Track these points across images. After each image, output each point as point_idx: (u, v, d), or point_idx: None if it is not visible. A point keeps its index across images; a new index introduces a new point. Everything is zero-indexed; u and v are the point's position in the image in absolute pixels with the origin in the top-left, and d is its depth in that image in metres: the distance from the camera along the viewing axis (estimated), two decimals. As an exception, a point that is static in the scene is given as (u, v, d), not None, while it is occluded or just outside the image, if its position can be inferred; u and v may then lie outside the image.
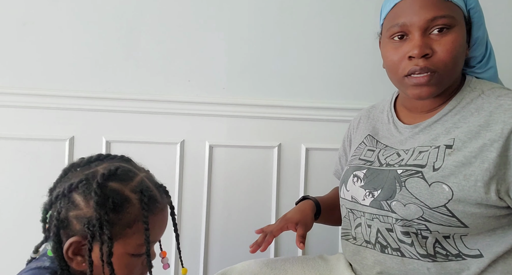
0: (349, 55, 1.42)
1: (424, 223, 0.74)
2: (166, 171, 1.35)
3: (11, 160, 1.29)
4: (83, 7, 1.29)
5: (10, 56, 1.27)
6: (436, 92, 0.78)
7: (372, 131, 0.94)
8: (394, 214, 0.78)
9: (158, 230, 0.73)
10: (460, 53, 0.75)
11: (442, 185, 0.73)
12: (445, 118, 0.79)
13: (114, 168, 0.69)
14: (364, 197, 0.84)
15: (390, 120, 0.90)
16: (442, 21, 0.73)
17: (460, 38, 0.74)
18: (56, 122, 1.29)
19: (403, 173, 0.78)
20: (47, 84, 1.28)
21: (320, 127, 1.42)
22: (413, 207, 0.75)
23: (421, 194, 0.74)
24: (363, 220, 0.85)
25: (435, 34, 0.74)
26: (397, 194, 0.77)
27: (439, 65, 0.74)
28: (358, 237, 0.87)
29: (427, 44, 0.74)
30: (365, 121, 1.00)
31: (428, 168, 0.75)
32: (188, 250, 1.37)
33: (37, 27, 1.28)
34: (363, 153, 0.92)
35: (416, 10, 0.75)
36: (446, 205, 0.72)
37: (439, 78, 0.75)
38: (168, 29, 1.33)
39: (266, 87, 1.39)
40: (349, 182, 0.90)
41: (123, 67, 1.32)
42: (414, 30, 0.75)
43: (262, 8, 1.37)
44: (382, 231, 0.81)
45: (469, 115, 0.76)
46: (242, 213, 1.39)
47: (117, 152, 1.33)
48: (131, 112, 1.32)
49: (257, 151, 1.40)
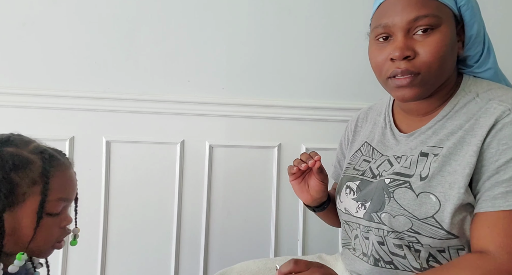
0: (348, 55, 1.42)
1: (414, 235, 0.73)
2: (166, 171, 1.35)
3: (11, 160, 1.29)
4: (83, 7, 1.29)
5: (10, 56, 1.27)
6: (423, 94, 0.75)
7: (369, 137, 0.91)
8: (385, 226, 0.77)
9: (69, 187, 0.74)
10: (446, 54, 0.71)
11: (429, 195, 0.71)
12: (439, 124, 0.77)
13: (5, 136, 0.71)
14: (357, 209, 0.83)
15: (387, 125, 0.88)
16: (425, 21, 0.70)
17: (446, 38, 0.71)
18: (56, 122, 1.29)
19: (391, 183, 0.77)
20: (47, 84, 1.28)
21: (320, 127, 1.42)
22: (401, 219, 0.74)
23: (409, 205, 0.73)
24: (359, 232, 0.84)
25: (419, 35, 0.71)
26: (386, 206, 0.76)
27: (422, 67, 0.71)
28: (357, 248, 0.86)
29: (409, 46, 0.71)
30: (362, 124, 0.98)
31: (416, 177, 0.74)
32: (188, 250, 1.37)
33: (37, 27, 1.28)
34: (358, 163, 0.90)
35: (399, 11, 0.72)
36: (434, 216, 0.70)
37: (423, 79, 0.72)
38: (168, 29, 1.33)
39: (266, 87, 1.39)
40: (342, 193, 0.89)
41: (123, 67, 1.32)
42: (396, 31, 0.73)
43: (262, 8, 1.37)
44: (375, 244, 0.80)
45: (458, 120, 0.74)
46: (242, 213, 1.39)
47: (117, 152, 1.33)
48: (131, 112, 1.32)
49: (257, 151, 1.40)
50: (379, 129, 0.90)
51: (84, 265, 1.32)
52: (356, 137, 0.97)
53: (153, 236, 1.35)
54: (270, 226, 1.41)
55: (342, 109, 1.41)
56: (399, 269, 0.78)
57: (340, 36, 1.41)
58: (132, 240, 1.34)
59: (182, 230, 1.37)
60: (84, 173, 1.31)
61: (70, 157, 1.31)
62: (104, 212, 1.32)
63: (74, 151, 1.31)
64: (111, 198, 1.33)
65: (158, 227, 1.35)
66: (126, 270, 1.34)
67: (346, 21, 1.41)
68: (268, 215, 1.40)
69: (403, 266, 0.77)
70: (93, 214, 1.32)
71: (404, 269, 0.77)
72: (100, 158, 1.32)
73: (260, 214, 1.40)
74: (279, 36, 1.39)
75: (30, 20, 1.27)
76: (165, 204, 1.35)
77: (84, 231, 1.33)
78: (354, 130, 0.99)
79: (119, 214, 1.34)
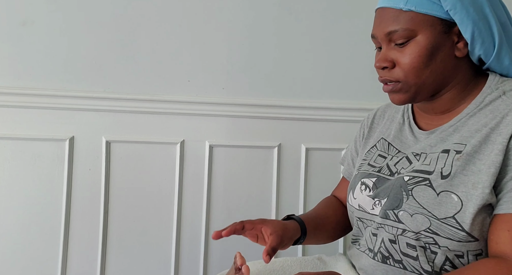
0: (349, 55, 1.42)
1: (432, 236, 0.72)
2: (166, 171, 1.35)
3: (11, 160, 1.29)
4: (83, 7, 1.29)
5: (10, 56, 1.27)
6: (412, 98, 0.77)
7: (386, 133, 0.90)
8: (401, 225, 0.75)
9: None
10: (424, 62, 0.73)
11: (451, 194, 0.70)
12: (462, 122, 0.76)
13: None
14: (373, 206, 0.82)
15: (406, 121, 0.87)
16: (397, 36, 0.74)
17: (421, 48, 0.73)
18: (56, 122, 1.29)
19: (409, 180, 0.76)
20: (47, 84, 1.28)
21: (320, 127, 1.42)
22: (420, 218, 0.72)
23: (429, 204, 0.71)
24: (371, 229, 0.83)
25: (397, 46, 0.75)
26: (403, 204, 0.74)
27: (399, 76, 0.75)
28: (362, 244, 0.85)
29: (388, 57, 0.76)
30: (379, 121, 0.96)
31: (436, 175, 0.73)
32: (188, 250, 1.37)
33: (37, 27, 1.28)
34: (373, 158, 0.88)
35: (378, 23, 0.77)
36: (454, 216, 0.69)
37: (403, 87, 0.76)
38: (168, 29, 1.33)
39: (266, 87, 1.39)
40: (356, 189, 0.87)
41: (123, 67, 1.32)
42: (381, 42, 0.77)
43: (262, 8, 1.37)
44: (385, 242, 0.79)
45: (483, 117, 0.73)
46: (242, 213, 1.39)
47: (117, 152, 1.33)
48: (131, 112, 1.32)
49: (257, 151, 1.40)
50: (396, 125, 0.89)
51: (84, 265, 1.32)
52: (372, 133, 0.96)
53: (153, 236, 1.35)
54: (270, 226, 1.41)
55: (342, 109, 1.40)
56: (407, 269, 0.76)
57: (340, 36, 1.41)
58: (132, 240, 1.34)
59: (182, 230, 1.37)
60: (84, 173, 1.31)
61: (70, 157, 1.31)
62: (104, 212, 1.32)
63: (74, 151, 1.31)
64: (111, 198, 1.33)
65: (158, 227, 1.35)
66: (126, 270, 1.34)
67: (346, 21, 1.41)
68: (268, 215, 1.40)
69: (412, 267, 0.76)
70: (93, 214, 1.32)
71: (413, 271, 0.75)
72: (100, 158, 1.32)
73: (260, 214, 1.40)
74: (279, 36, 1.39)
75: (30, 20, 1.27)
76: (165, 204, 1.35)
77: (84, 231, 1.33)
78: (370, 126, 0.97)
79: (119, 214, 1.33)
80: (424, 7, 0.72)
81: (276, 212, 1.40)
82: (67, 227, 1.31)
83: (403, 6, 0.73)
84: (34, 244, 1.29)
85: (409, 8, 0.72)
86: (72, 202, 1.31)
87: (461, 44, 0.75)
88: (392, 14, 0.74)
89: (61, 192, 1.30)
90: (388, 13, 0.75)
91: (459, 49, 0.75)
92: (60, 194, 1.30)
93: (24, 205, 1.28)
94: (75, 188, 1.31)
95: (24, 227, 1.29)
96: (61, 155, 1.30)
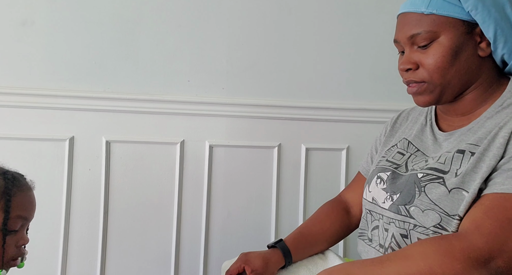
0: (349, 55, 1.42)
1: (441, 231, 0.73)
2: (166, 171, 1.35)
3: (11, 160, 1.28)
4: (83, 7, 1.29)
5: (10, 56, 1.27)
6: (437, 99, 0.78)
7: (408, 134, 0.92)
8: (412, 220, 0.77)
9: (29, 206, 0.80)
10: (448, 62, 0.75)
11: (462, 191, 0.72)
12: (479, 124, 0.77)
13: None
14: (384, 200, 0.83)
15: (428, 123, 0.89)
16: (420, 38, 0.76)
17: (444, 49, 0.75)
18: (56, 122, 1.29)
19: (423, 177, 0.77)
20: (47, 84, 1.28)
21: (320, 127, 1.42)
22: (431, 214, 0.74)
23: (441, 200, 0.73)
24: (381, 223, 0.84)
25: (420, 48, 0.77)
26: (416, 199, 0.76)
27: (424, 77, 0.77)
28: (374, 239, 0.86)
29: (411, 59, 0.78)
30: (402, 122, 0.98)
31: (450, 174, 0.74)
32: (188, 250, 1.37)
33: (37, 27, 1.28)
34: (392, 155, 0.90)
35: (400, 28, 0.79)
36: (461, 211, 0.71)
37: (428, 88, 0.77)
38: (168, 29, 1.33)
39: (266, 87, 1.39)
40: (372, 183, 0.89)
41: (123, 67, 1.32)
42: (404, 46, 0.79)
43: (262, 8, 1.37)
44: (396, 236, 0.80)
45: (499, 119, 0.75)
46: (242, 213, 1.39)
47: (117, 152, 1.33)
48: (131, 112, 1.32)
49: (257, 151, 1.39)
50: (418, 125, 0.91)
51: (84, 265, 1.32)
52: (394, 133, 0.97)
53: (153, 236, 1.35)
54: (270, 226, 1.41)
55: (342, 109, 1.41)
56: None
57: (340, 36, 1.41)
58: (132, 240, 1.34)
59: (182, 230, 1.37)
60: (84, 173, 1.31)
61: (70, 157, 1.31)
62: (104, 212, 1.32)
63: (74, 151, 1.31)
64: (111, 198, 1.33)
65: (158, 227, 1.35)
66: (126, 270, 1.34)
67: (346, 20, 1.41)
68: (268, 215, 1.40)
69: None
70: (93, 214, 1.32)
71: None
72: (100, 158, 1.32)
73: (260, 214, 1.40)
74: (279, 36, 1.39)
75: (30, 20, 1.27)
76: (165, 204, 1.35)
77: (84, 231, 1.33)
78: (393, 125, 0.99)
79: (119, 214, 1.33)
80: (446, 9, 0.74)
81: (276, 212, 1.40)
82: (67, 227, 1.31)
83: (424, 9, 0.75)
84: (34, 244, 1.29)
85: (431, 11, 0.74)
86: (72, 202, 1.31)
87: (483, 44, 0.76)
88: (414, 18, 0.76)
89: (61, 192, 1.30)
90: (411, 17, 0.77)
91: (482, 49, 0.76)
92: (60, 194, 1.30)
93: (24, 205, 1.28)
94: (75, 188, 1.31)
95: (24, 227, 1.29)
96: (61, 155, 1.30)
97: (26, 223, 0.78)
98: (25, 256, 0.81)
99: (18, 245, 0.76)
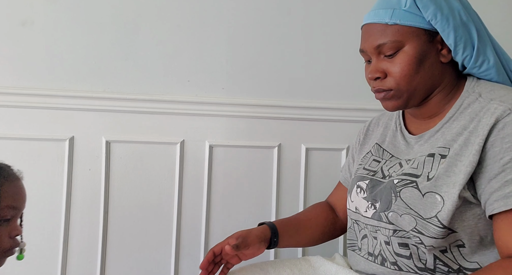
0: (349, 55, 1.41)
1: (418, 235, 0.75)
2: (166, 171, 1.35)
3: (11, 160, 1.28)
4: (83, 7, 1.29)
5: (10, 56, 1.27)
6: (404, 104, 0.81)
7: (380, 139, 0.95)
8: (391, 225, 0.79)
9: (18, 196, 0.78)
10: (413, 70, 0.78)
11: (435, 195, 0.74)
12: (446, 126, 0.80)
13: None
14: (366, 209, 0.85)
15: (398, 127, 0.92)
16: (386, 48, 0.78)
17: (410, 57, 0.77)
18: (56, 122, 1.29)
19: (398, 183, 0.80)
20: (47, 84, 1.28)
21: (320, 127, 1.42)
22: (407, 218, 0.76)
23: (415, 204, 0.75)
24: (367, 232, 0.86)
25: (386, 57, 0.80)
26: (393, 205, 0.79)
27: (392, 85, 0.80)
28: (363, 248, 0.88)
29: (379, 68, 0.80)
30: (374, 128, 1.01)
31: (423, 178, 0.77)
32: (188, 250, 1.37)
33: (37, 27, 1.28)
34: (368, 162, 0.93)
35: (366, 38, 0.82)
36: (437, 215, 0.73)
37: (395, 94, 0.80)
38: (168, 29, 1.33)
39: (266, 87, 1.39)
40: (353, 192, 0.91)
41: (123, 67, 1.32)
42: (371, 55, 0.82)
43: (262, 8, 1.37)
44: (382, 244, 0.82)
45: (465, 121, 0.77)
46: (242, 213, 1.39)
47: (117, 152, 1.33)
48: (131, 112, 1.32)
49: (257, 151, 1.39)
50: (390, 132, 0.94)
51: (84, 265, 1.32)
52: (367, 140, 1.00)
53: (153, 236, 1.35)
54: (270, 226, 1.41)
55: (342, 109, 1.40)
56: (403, 270, 0.79)
57: (340, 36, 1.41)
58: (132, 240, 1.34)
59: (182, 230, 1.37)
60: (84, 173, 1.31)
61: (70, 157, 1.31)
62: (104, 212, 1.32)
63: (74, 151, 1.31)
64: (111, 198, 1.33)
65: (158, 227, 1.35)
66: (126, 270, 1.34)
67: (346, 20, 1.41)
68: (268, 215, 1.40)
69: (407, 267, 0.78)
70: (93, 214, 1.32)
71: (408, 271, 0.78)
72: (100, 158, 1.32)
73: (260, 214, 1.40)
74: (279, 36, 1.39)
75: (30, 20, 1.27)
76: (165, 204, 1.35)
77: (84, 231, 1.33)
78: (366, 133, 1.02)
79: (119, 214, 1.33)
80: (408, 19, 0.77)
81: (276, 212, 1.40)
82: (67, 227, 1.31)
83: (388, 20, 0.78)
84: (34, 244, 1.29)
85: (395, 22, 0.78)
86: (72, 202, 1.31)
87: (444, 51, 0.79)
88: (379, 28, 0.79)
89: (61, 192, 1.30)
90: (375, 28, 0.80)
91: (443, 56, 0.80)
92: (60, 194, 1.30)
93: (24, 205, 1.28)
94: (75, 188, 1.31)
95: (24, 227, 1.28)
96: (61, 155, 1.30)
97: (17, 213, 0.78)
98: (23, 248, 0.81)
99: (11, 236, 0.76)
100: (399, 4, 0.78)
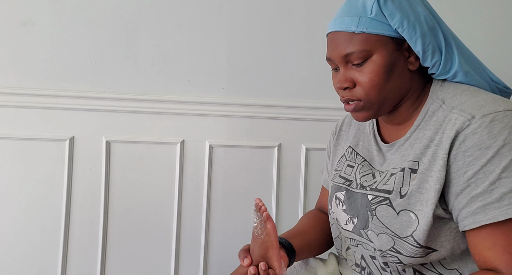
0: (349, 55, 1.42)
1: (396, 255, 0.75)
2: (166, 171, 1.35)
3: (11, 160, 1.29)
4: (83, 7, 1.29)
5: (10, 56, 1.27)
6: (374, 114, 0.79)
7: (353, 142, 0.93)
8: (371, 244, 0.79)
9: None
10: (384, 79, 0.75)
11: (409, 213, 0.73)
12: (414, 136, 0.78)
13: None
14: (346, 222, 0.85)
15: (371, 131, 0.90)
16: (354, 57, 0.75)
17: (378, 66, 0.75)
18: (56, 122, 1.29)
19: (373, 199, 0.79)
20: (47, 84, 1.28)
21: (320, 127, 1.41)
22: (384, 237, 0.75)
23: (391, 223, 0.74)
24: (349, 244, 0.86)
25: (355, 66, 0.77)
26: (370, 223, 0.78)
27: (361, 96, 0.77)
28: (350, 259, 0.88)
29: (348, 77, 0.77)
30: (346, 128, 0.99)
31: (395, 194, 0.75)
32: (188, 250, 1.37)
33: (37, 27, 1.28)
34: (343, 169, 0.91)
35: (334, 47, 0.78)
36: (412, 234, 0.72)
37: (365, 105, 0.77)
38: (168, 29, 1.33)
39: (266, 87, 1.39)
40: (333, 203, 0.90)
41: (123, 67, 1.32)
42: (338, 64, 0.79)
43: (262, 8, 1.37)
44: (366, 257, 0.82)
45: (431, 132, 0.75)
46: (242, 213, 1.39)
47: (117, 152, 1.33)
48: (131, 112, 1.32)
49: (257, 151, 1.40)
50: (364, 135, 0.92)
51: (84, 265, 1.32)
52: (340, 141, 0.99)
53: (153, 236, 1.35)
54: (270, 226, 1.41)
55: (342, 109, 1.39)
56: None
57: (340, 36, 1.41)
58: (132, 240, 1.34)
59: (182, 230, 1.37)
60: (84, 173, 1.31)
61: (70, 157, 1.31)
62: (104, 212, 1.32)
63: (74, 151, 1.31)
64: (111, 198, 1.33)
65: (158, 227, 1.35)
66: (126, 270, 1.34)
67: (346, 21, 1.41)
68: (268, 215, 1.40)
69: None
70: (93, 214, 1.32)
71: None
72: (100, 158, 1.32)
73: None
74: (279, 36, 1.39)
75: (30, 20, 1.27)
76: (165, 204, 1.35)
77: (84, 231, 1.33)
78: (338, 133, 1.00)
79: (119, 214, 1.34)
80: (375, 27, 0.74)
81: (276, 212, 1.40)
82: (67, 227, 1.31)
83: (355, 28, 0.75)
84: (34, 244, 1.30)
85: (361, 30, 0.75)
86: (72, 202, 1.31)
87: (412, 58, 0.77)
88: (346, 37, 0.76)
89: (61, 192, 1.30)
90: (342, 36, 0.77)
91: (411, 63, 0.77)
92: (60, 194, 1.30)
93: (24, 205, 1.28)
94: (75, 188, 1.31)
95: (24, 227, 1.29)
96: (61, 155, 1.30)
97: None
98: None
99: None
100: (365, 12, 0.75)
